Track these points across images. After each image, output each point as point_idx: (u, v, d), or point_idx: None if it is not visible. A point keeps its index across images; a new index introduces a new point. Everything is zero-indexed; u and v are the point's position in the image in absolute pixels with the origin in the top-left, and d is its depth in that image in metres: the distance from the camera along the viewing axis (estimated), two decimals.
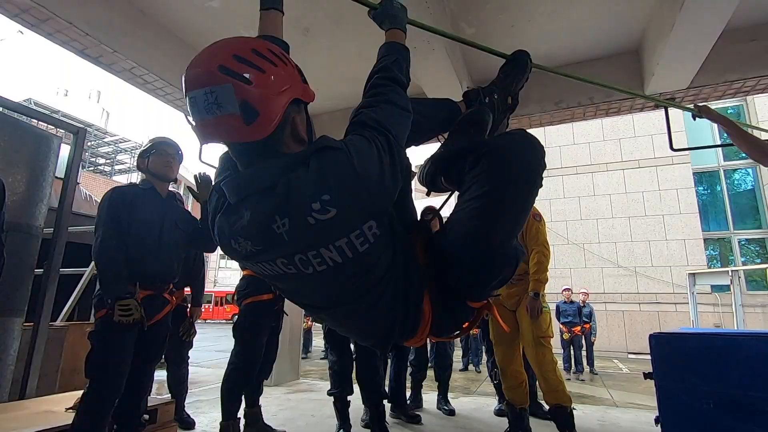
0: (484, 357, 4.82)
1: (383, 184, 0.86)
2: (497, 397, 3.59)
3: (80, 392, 2.60)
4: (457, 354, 6.25)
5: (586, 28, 3.50)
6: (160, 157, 2.31)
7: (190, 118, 0.84)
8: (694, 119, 2.29)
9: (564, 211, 12.20)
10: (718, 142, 10.66)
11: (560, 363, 6.93)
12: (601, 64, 3.88)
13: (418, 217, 1.26)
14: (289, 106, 0.85)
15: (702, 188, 12.30)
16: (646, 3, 3.20)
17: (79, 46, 3.04)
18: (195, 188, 2.47)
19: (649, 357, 2.00)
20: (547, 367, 2.65)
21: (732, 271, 8.90)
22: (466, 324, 1.13)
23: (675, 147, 4.05)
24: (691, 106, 2.24)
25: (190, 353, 3.25)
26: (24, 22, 2.78)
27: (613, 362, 9.57)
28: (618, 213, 11.89)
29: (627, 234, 11.67)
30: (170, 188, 2.44)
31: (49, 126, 3.69)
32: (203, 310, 3.53)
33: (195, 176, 2.48)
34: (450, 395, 3.77)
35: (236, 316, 2.84)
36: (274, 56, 0.85)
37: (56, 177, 3.11)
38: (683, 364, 1.86)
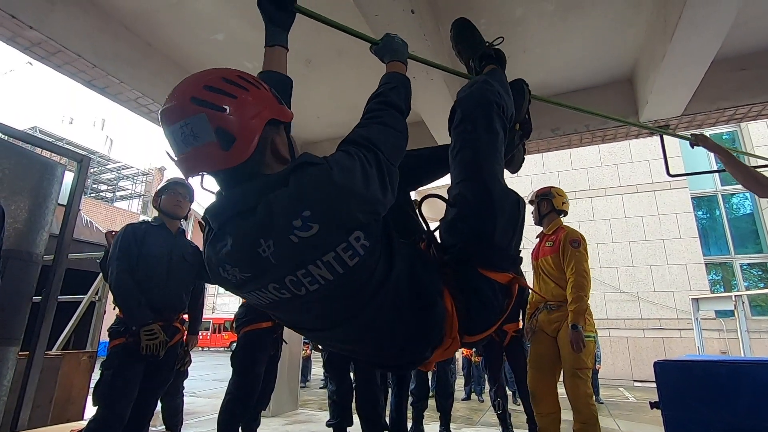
0: (487, 385, 4.72)
1: (367, 193, 0.85)
2: (500, 428, 3.50)
3: (73, 425, 2.57)
4: (459, 383, 6.12)
5: (580, 58, 3.61)
6: (171, 196, 2.46)
7: (172, 154, 0.85)
8: (692, 147, 2.32)
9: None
10: (715, 168, 10.77)
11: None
12: (596, 93, 3.97)
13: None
14: (266, 127, 0.86)
15: (701, 213, 12.33)
16: (637, 35, 3.31)
17: (87, 77, 3.13)
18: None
19: (655, 385, 1.97)
20: (581, 399, 2.58)
21: (735, 296, 8.80)
22: (506, 308, 1.07)
23: (672, 172, 4.10)
24: (688, 134, 2.28)
25: (186, 383, 3.18)
26: (35, 55, 2.86)
27: (619, 390, 9.35)
28: (618, 238, 11.88)
29: (628, 259, 11.63)
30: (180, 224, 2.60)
31: (53, 154, 3.74)
32: (200, 337, 3.49)
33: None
34: (452, 425, 3.67)
35: (234, 344, 2.80)
36: (244, 81, 0.87)
37: (59, 204, 3.14)
38: (690, 393, 1.83)
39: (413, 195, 1.29)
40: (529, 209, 2.17)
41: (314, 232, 0.79)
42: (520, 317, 3.69)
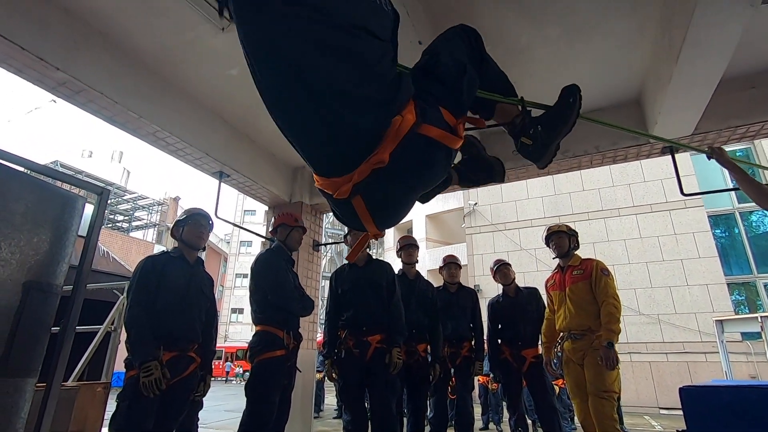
0: (506, 414, 4.57)
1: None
2: None
3: None
4: (476, 411, 5.94)
5: (587, 81, 3.65)
6: (194, 227, 2.53)
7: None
8: (708, 159, 2.31)
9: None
10: (730, 186, 10.61)
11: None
12: (604, 114, 3.99)
13: None
14: None
15: (719, 231, 12.07)
16: (642, 58, 3.35)
17: (108, 113, 3.26)
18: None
19: (682, 412, 1.90)
20: (605, 421, 2.62)
21: (762, 317, 8.49)
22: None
23: (686, 191, 4.07)
24: (705, 147, 2.28)
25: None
26: (60, 94, 3.00)
27: (644, 419, 8.96)
28: (635, 258, 11.65)
29: (646, 280, 11.36)
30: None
31: (73, 187, 3.86)
32: (213, 366, 3.47)
33: None
34: None
35: (247, 373, 2.79)
36: None
37: (78, 235, 3.22)
38: (718, 420, 1.76)
39: None
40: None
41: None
42: (539, 343, 3.63)
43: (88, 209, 3.43)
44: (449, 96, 1.07)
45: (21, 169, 2.68)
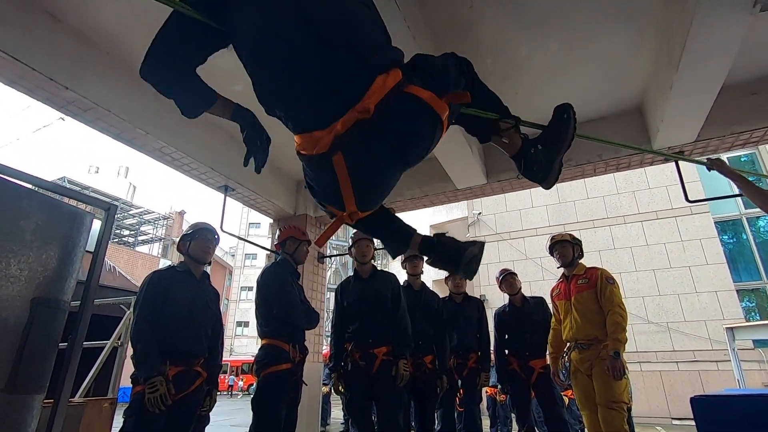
0: (515, 426, 4.51)
1: None
2: None
3: None
4: (484, 424, 5.86)
5: (588, 90, 3.68)
6: (200, 242, 2.55)
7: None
8: (709, 170, 2.32)
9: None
10: (735, 192, 10.54)
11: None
12: (606, 123, 4.01)
13: None
14: None
15: (727, 237, 11.96)
16: (643, 67, 3.37)
17: (116, 130, 3.31)
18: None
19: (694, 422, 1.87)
20: None
21: None
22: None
23: (691, 198, 4.06)
24: (704, 159, 2.28)
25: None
26: (69, 112, 3.06)
27: (656, 430, 8.80)
28: (641, 266, 11.54)
29: (654, 287, 11.24)
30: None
31: (80, 203, 3.91)
32: (219, 380, 3.46)
33: None
34: None
35: (253, 387, 2.78)
36: None
37: (86, 251, 3.25)
38: (731, 430, 1.73)
39: None
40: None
41: None
42: (547, 353, 3.59)
43: (96, 225, 3.47)
44: (434, 81, 1.06)
45: (30, 186, 2.72)
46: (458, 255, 1.22)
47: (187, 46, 1.14)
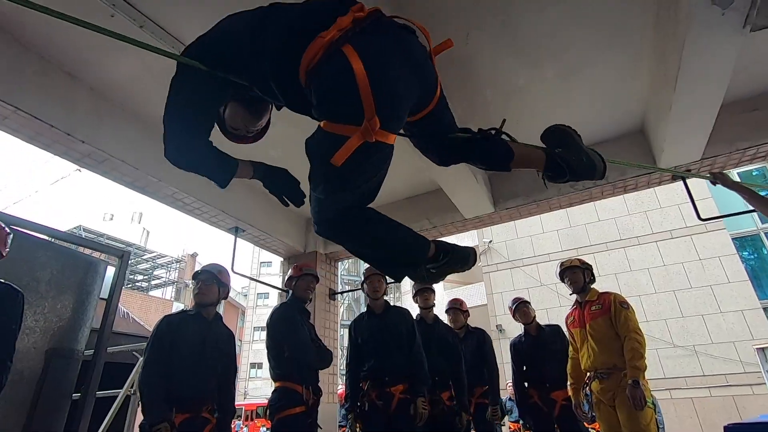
0: None
1: None
2: None
3: None
4: None
5: (588, 115, 3.73)
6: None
7: None
8: (714, 185, 2.31)
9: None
10: (750, 207, 10.36)
11: None
12: (610, 146, 4.03)
13: None
14: None
15: (747, 253, 11.67)
16: (641, 88, 3.42)
17: (129, 179, 3.42)
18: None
19: None
20: None
21: None
22: None
23: (703, 216, 4.01)
24: (708, 174, 2.27)
25: None
26: (84, 165, 3.18)
27: None
28: (661, 287, 11.23)
29: (676, 309, 10.88)
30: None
31: (93, 251, 3.97)
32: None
33: None
34: None
35: None
36: None
37: (100, 298, 3.28)
38: None
39: None
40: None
41: None
42: (568, 384, 3.46)
43: (110, 271, 3.53)
44: None
45: (46, 237, 2.79)
46: (465, 252, 1.32)
47: (195, 108, 1.26)
